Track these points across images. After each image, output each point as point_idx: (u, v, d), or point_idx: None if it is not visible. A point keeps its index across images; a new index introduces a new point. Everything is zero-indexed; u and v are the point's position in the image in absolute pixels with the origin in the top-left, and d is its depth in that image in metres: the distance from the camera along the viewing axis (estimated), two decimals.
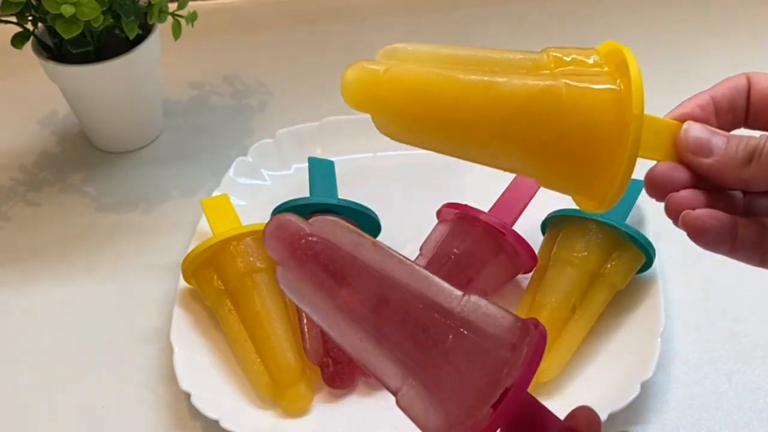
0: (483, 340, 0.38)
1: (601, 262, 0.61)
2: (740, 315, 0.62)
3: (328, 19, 0.93)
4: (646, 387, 0.56)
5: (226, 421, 0.56)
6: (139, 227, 0.73)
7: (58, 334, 0.65)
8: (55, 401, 0.61)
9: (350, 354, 0.40)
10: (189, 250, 0.62)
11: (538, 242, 0.64)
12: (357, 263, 0.40)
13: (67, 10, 0.65)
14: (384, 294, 0.39)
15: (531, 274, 0.63)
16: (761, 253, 0.42)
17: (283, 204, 0.65)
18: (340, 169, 0.70)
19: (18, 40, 0.72)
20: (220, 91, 0.85)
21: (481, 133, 0.41)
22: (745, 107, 0.43)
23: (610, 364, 0.58)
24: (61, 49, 0.73)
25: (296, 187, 0.69)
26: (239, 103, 0.84)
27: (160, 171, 0.77)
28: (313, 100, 0.82)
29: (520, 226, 0.63)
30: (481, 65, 0.40)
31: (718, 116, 0.43)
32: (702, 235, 0.41)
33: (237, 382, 0.60)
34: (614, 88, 0.40)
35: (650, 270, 0.62)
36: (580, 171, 0.42)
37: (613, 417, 0.54)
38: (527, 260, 0.62)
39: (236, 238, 0.62)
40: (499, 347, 0.37)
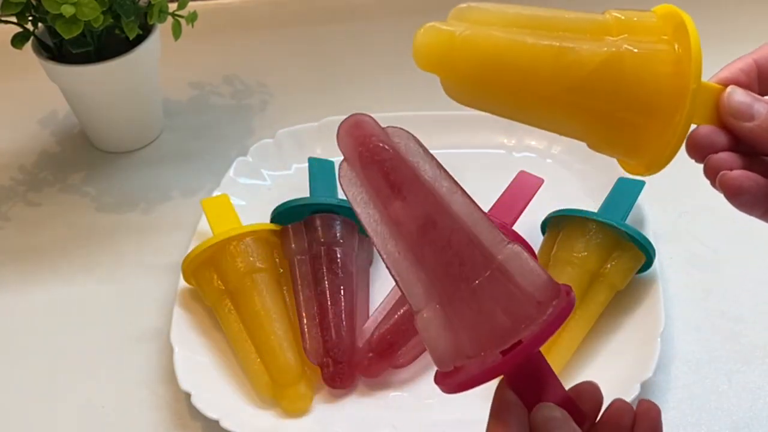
0: (513, 289, 0.38)
1: (601, 262, 0.61)
2: (740, 315, 0.62)
3: (328, 19, 0.93)
4: (646, 387, 0.56)
5: (226, 421, 0.56)
6: (139, 227, 0.73)
7: (58, 334, 0.65)
8: (55, 401, 0.61)
9: (384, 261, 0.41)
10: (189, 250, 0.62)
11: (538, 242, 0.64)
12: (417, 181, 0.40)
13: (67, 10, 0.65)
14: (433, 217, 0.39)
15: None
16: (758, 207, 0.43)
17: (283, 204, 0.65)
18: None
19: (18, 40, 0.72)
20: (220, 91, 0.85)
21: (548, 100, 0.42)
22: None
23: (610, 364, 0.58)
24: (61, 49, 0.73)
25: (296, 187, 0.69)
26: (239, 103, 0.84)
27: (160, 171, 0.77)
28: (313, 100, 0.82)
29: (520, 226, 0.63)
30: (551, 29, 0.41)
31: (761, 80, 0.44)
32: (738, 196, 0.42)
33: (237, 382, 0.60)
34: (673, 56, 0.41)
35: (650, 270, 0.62)
36: (634, 136, 0.43)
37: None
38: None
39: (236, 238, 0.62)
40: (526, 300, 0.38)
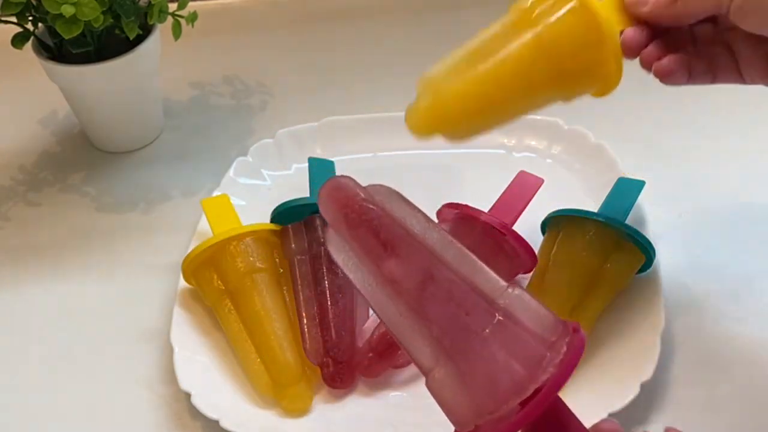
0: (523, 334, 0.37)
1: (601, 262, 0.61)
2: (740, 315, 0.62)
3: (328, 19, 0.93)
4: (646, 387, 0.56)
5: (226, 421, 0.56)
6: (139, 227, 0.73)
7: (58, 334, 0.65)
8: (55, 401, 0.61)
9: (386, 326, 0.40)
10: (189, 250, 0.62)
11: (538, 242, 0.64)
12: (408, 236, 0.39)
13: (67, 10, 0.65)
14: (431, 271, 0.38)
15: (531, 274, 0.63)
16: (711, 77, 0.51)
17: (283, 204, 0.65)
18: (340, 169, 0.70)
19: (18, 40, 0.72)
20: (220, 91, 0.85)
21: (520, 95, 0.51)
22: None
23: (610, 364, 0.58)
24: (61, 49, 0.73)
25: (296, 187, 0.69)
26: (239, 103, 0.84)
27: (160, 171, 0.77)
28: (313, 100, 0.82)
29: (520, 226, 0.63)
30: (486, 53, 0.50)
31: None
32: (669, 77, 0.50)
33: (237, 382, 0.60)
34: (575, 5, 0.50)
35: (650, 270, 0.62)
36: (589, 71, 0.51)
37: (613, 417, 0.54)
38: (527, 260, 0.62)
39: (236, 238, 0.62)
40: (538, 343, 0.37)
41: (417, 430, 0.57)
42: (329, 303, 0.60)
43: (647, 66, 0.51)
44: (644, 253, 0.61)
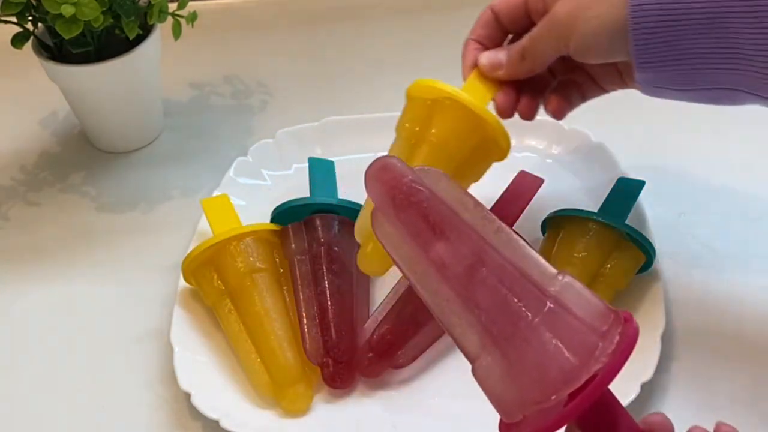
0: (574, 322, 0.36)
1: (602, 262, 0.61)
2: (740, 315, 0.62)
3: (328, 19, 0.93)
4: (646, 387, 0.56)
5: (226, 421, 0.55)
6: (139, 227, 0.73)
7: (58, 334, 0.65)
8: (55, 401, 0.61)
9: (432, 312, 0.38)
10: (189, 250, 0.62)
11: (538, 242, 0.64)
12: (457, 219, 0.38)
13: (67, 10, 0.65)
14: (481, 255, 0.37)
15: None
16: (582, 98, 0.59)
17: (283, 204, 0.65)
18: (340, 169, 0.70)
19: (18, 40, 0.72)
20: (220, 91, 0.85)
21: None
22: (524, 8, 0.57)
23: None
24: (61, 49, 0.73)
25: (296, 187, 0.69)
26: (239, 103, 0.84)
27: (160, 171, 0.77)
28: (313, 100, 0.83)
29: (520, 226, 0.63)
30: None
31: (503, 22, 0.58)
32: (561, 113, 0.59)
33: (237, 382, 0.60)
34: (447, 104, 0.57)
35: (650, 270, 0.62)
36: (483, 152, 0.59)
37: None
38: None
39: (236, 238, 0.62)
40: (589, 332, 0.35)
41: (417, 430, 0.57)
42: (329, 303, 0.60)
43: (528, 117, 0.59)
44: (644, 253, 0.61)
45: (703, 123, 0.75)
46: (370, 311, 0.63)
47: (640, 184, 0.65)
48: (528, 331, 0.35)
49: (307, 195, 0.67)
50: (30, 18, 0.71)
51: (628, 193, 0.65)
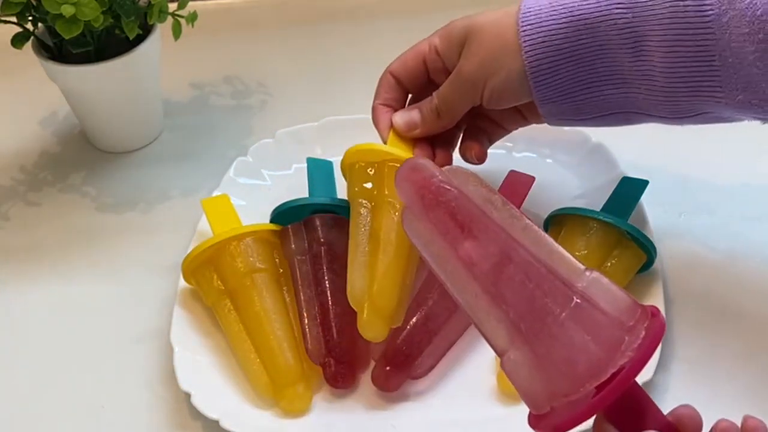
0: (600, 317, 0.37)
1: (602, 260, 0.61)
2: (740, 315, 0.62)
3: (328, 19, 0.93)
4: (646, 387, 0.56)
5: (226, 421, 0.55)
6: (139, 227, 0.73)
7: (58, 334, 0.65)
8: (55, 401, 0.61)
9: (462, 308, 0.39)
10: (189, 250, 0.62)
11: None
12: (485, 217, 0.39)
13: (67, 10, 0.65)
14: (508, 253, 0.38)
15: None
16: (504, 131, 0.64)
17: (283, 204, 0.65)
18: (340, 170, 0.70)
19: (18, 40, 0.72)
20: (220, 91, 0.85)
21: (416, 262, 0.60)
22: (423, 67, 0.61)
23: None
24: (61, 49, 0.73)
25: (296, 187, 0.69)
26: (239, 103, 0.84)
27: (160, 171, 0.77)
28: (313, 100, 0.82)
29: None
30: (376, 245, 0.58)
31: (403, 84, 0.62)
32: (482, 159, 0.63)
33: (237, 382, 0.60)
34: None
35: (651, 269, 0.62)
36: None
37: None
38: None
39: (236, 239, 0.62)
40: (616, 327, 0.36)
41: (417, 430, 0.57)
42: (330, 303, 0.60)
43: (466, 158, 0.62)
44: (645, 252, 0.61)
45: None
46: None
47: (643, 183, 0.65)
48: (555, 326, 0.36)
49: (307, 195, 0.67)
50: (30, 18, 0.71)
51: (631, 193, 0.65)
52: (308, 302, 0.61)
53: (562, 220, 0.63)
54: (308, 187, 0.67)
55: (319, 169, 0.69)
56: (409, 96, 0.64)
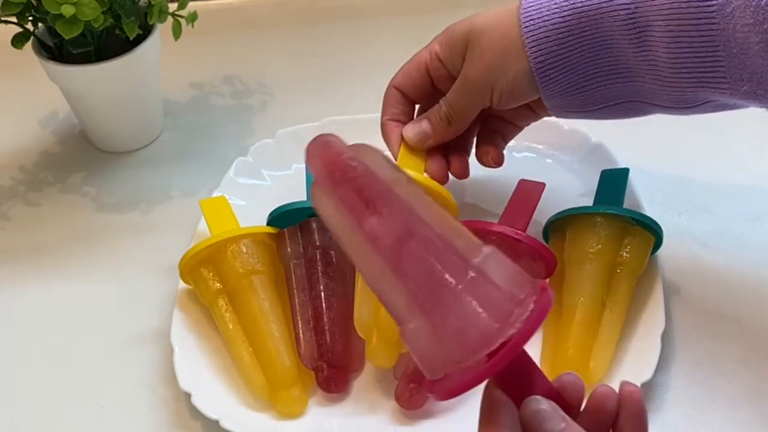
0: (494, 290, 0.38)
1: (616, 251, 0.61)
2: (740, 315, 0.62)
3: (328, 19, 0.93)
4: (646, 387, 0.56)
5: (226, 421, 0.55)
6: (139, 227, 0.73)
7: (58, 334, 0.65)
8: (55, 401, 0.61)
9: (365, 278, 0.41)
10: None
11: None
12: (390, 194, 0.40)
13: (68, 11, 0.65)
14: (410, 227, 0.40)
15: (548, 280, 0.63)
16: (517, 130, 0.65)
17: (279, 208, 0.64)
18: None
19: (18, 40, 0.72)
20: (220, 91, 0.85)
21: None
22: (427, 77, 0.62)
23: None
24: (61, 49, 0.73)
25: (296, 187, 0.69)
26: (239, 103, 0.84)
27: (160, 171, 0.77)
28: (313, 100, 0.83)
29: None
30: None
31: (409, 96, 0.63)
32: (499, 163, 0.64)
33: (237, 382, 0.60)
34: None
35: (651, 270, 0.62)
36: None
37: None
38: (550, 262, 0.62)
39: (234, 240, 0.62)
40: (507, 300, 0.38)
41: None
42: (324, 307, 0.60)
43: (463, 177, 0.62)
44: (652, 233, 0.61)
45: (703, 123, 0.75)
46: None
47: (624, 171, 0.66)
48: (451, 298, 0.38)
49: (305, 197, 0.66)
50: (30, 18, 0.71)
51: (616, 182, 0.66)
52: (302, 306, 0.61)
53: (563, 224, 0.63)
54: (306, 191, 0.67)
55: None
56: (417, 107, 0.64)
